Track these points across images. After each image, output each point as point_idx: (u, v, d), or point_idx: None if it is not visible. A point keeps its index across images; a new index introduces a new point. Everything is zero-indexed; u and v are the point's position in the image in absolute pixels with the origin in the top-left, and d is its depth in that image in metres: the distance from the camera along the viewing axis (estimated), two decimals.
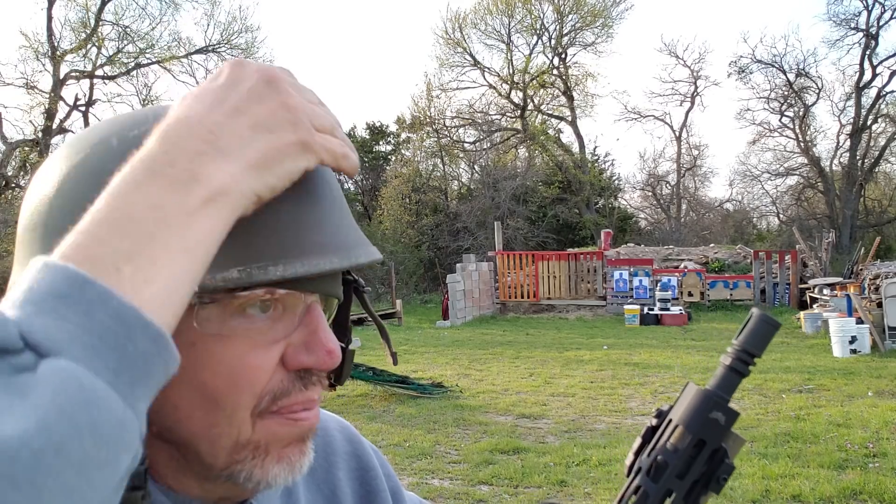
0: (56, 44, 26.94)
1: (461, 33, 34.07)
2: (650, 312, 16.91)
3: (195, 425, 0.55)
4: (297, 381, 0.56)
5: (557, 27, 33.86)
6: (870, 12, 31.72)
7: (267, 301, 0.54)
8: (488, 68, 34.78)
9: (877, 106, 32.69)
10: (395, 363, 0.78)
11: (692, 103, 37.23)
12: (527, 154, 34.08)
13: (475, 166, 34.20)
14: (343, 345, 0.66)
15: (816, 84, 34.02)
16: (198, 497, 0.61)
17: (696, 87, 37.18)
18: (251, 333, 0.54)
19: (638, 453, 0.60)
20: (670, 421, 0.58)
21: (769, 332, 0.59)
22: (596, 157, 35.73)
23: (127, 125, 0.55)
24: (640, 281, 18.88)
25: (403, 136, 35.16)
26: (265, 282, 0.51)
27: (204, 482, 0.59)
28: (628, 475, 0.59)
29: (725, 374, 0.58)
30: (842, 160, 33.80)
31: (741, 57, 35.40)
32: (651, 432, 0.60)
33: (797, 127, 34.46)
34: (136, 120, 0.56)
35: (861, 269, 17.91)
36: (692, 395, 0.58)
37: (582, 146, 34.61)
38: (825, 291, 16.17)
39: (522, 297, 20.09)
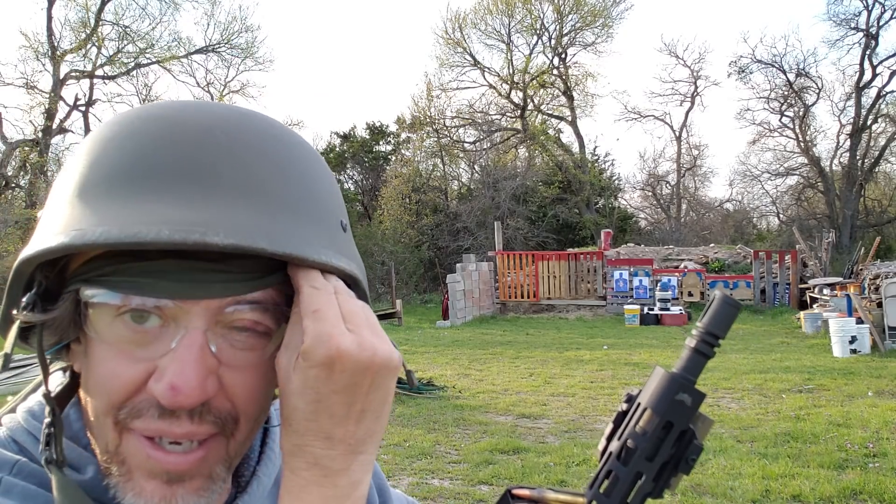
0: (56, 44, 26.94)
1: (461, 33, 34.09)
2: (650, 312, 16.91)
3: (90, 420, 0.58)
4: (153, 408, 0.54)
5: (557, 27, 33.87)
6: (870, 12, 31.74)
7: (140, 312, 0.54)
8: (488, 68, 34.80)
9: (877, 106, 32.69)
10: (412, 383, 0.78)
11: (692, 103, 37.26)
12: (527, 154, 34.08)
13: (475, 166, 34.20)
14: None
15: (816, 84, 34.05)
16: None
17: (696, 87, 37.21)
18: (123, 343, 0.54)
19: (610, 438, 0.60)
20: (639, 405, 0.59)
21: (731, 313, 0.59)
22: (596, 157, 35.74)
23: (135, 109, 0.61)
24: (640, 281, 18.88)
25: (403, 136, 35.16)
26: (80, 244, 0.51)
27: None
28: (600, 460, 0.60)
29: (691, 356, 0.59)
30: (842, 160, 33.81)
31: (741, 57, 35.44)
32: (621, 417, 0.60)
33: (797, 127, 34.46)
34: (146, 106, 0.61)
35: (861, 269, 17.91)
36: (659, 379, 0.59)
37: (582, 146, 34.61)
38: (825, 291, 16.17)
39: (522, 297, 20.08)
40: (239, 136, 0.57)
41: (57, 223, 0.54)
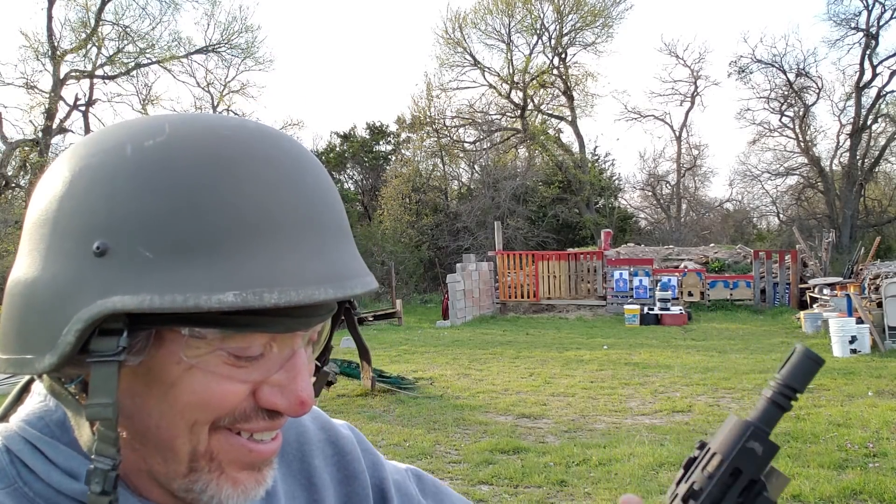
0: (56, 44, 26.94)
1: (461, 33, 34.08)
2: (650, 312, 16.91)
3: (162, 433, 0.58)
4: (262, 412, 0.59)
5: (557, 27, 33.87)
6: (870, 12, 31.73)
7: (242, 354, 0.57)
8: (488, 68, 34.79)
9: (877, 106, 32.68)
10: (371, 387, 0.80)
11: (692, 103, 37.25)
12: (527, 154, 34.08)
13: (475, 166, 34.20)
14: (319, 363, 0.70)
15: (816, 84, 34.04)
16: (161, 500, 0.63)
17: (696, 87, 37.21)
18: (226, 369, 0.57)
19: (679, 483, 0.60)
20: (709, 450, 0.59)
21: (813, 368, 0.59)
22: (596, 157, 35.74)
23: (142, 133, 0.56)
24: (640, 281, 18.88)
25: (403, 135, 35.16)
26: (258, 307, 0.52)
27: (172, 498, 0.62)
28: None
29: (767, 406, 0.59)
30: (842, 160, 33.80)
31: (741, 57, 35.46)
32: (691, 462, 0.60)
33: (797, 127, 34.46)
34: (152, 129, 0.56)
35: (861, 269, 17.91)
36: (731, 425, 0.58)
37: (582, 146, 34.61)
38: (825, 291, 16.17)
39: (522, 296, 20.08)
40: (317, 171, 0.60)
41: (178, 275, 0.52)
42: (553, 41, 34.08)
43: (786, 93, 34.48)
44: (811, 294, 17.12)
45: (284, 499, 0.74)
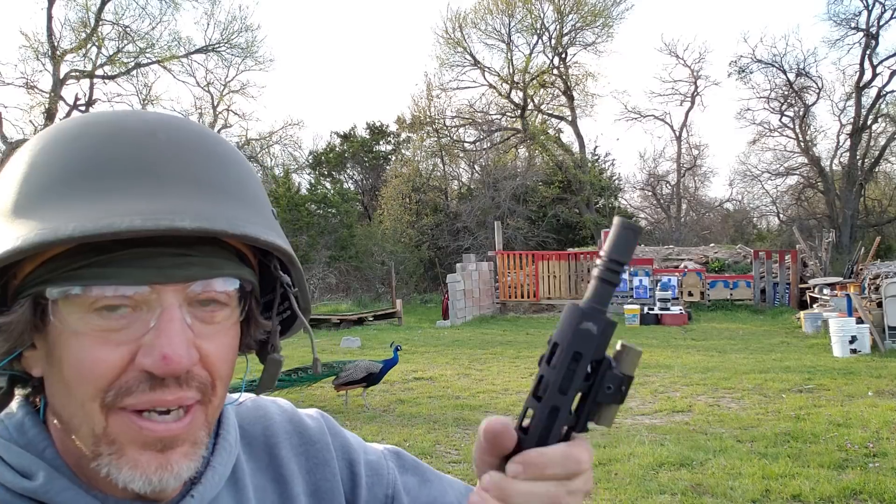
0: (56, 43, 26.94)
1: (461, 33, 34.07)
2: (650, 312, 16.90)
3: (65, 413, 0.61)
4: (143, 382, 0.59)
5: (558, 27, 33.85)
6: (870, 12, 31.72)
7: (114, 304, 0.58)
8: (488, 68, 34.76)
9: (877, 106, 32.66)
10: (316, 371, 0.81)
11: (692, 103, 37.23)
12: (527, 154, 34.07)
13: (475, 166, 34.19)
14: (267, 352, 0.71)
15: (816, 84, 34.02)
16: (123, 496, 0.64)
17: (696, 87, 37.18)
18: (102, 331, 0.58)
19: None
20: (553, 343, 0.58)
21: (631, 237, 0.58)
22: (596, 157, 35.72)
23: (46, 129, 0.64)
24: (640, 281, 18.88)
25: (403, 135, 35.15)
26: (55, 241, 0.55)
27: (116, 486, 0.62)
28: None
29: (596, 285, 0.58)
30: (842, 160, 33.79)
31: (741, 57, 35.37)
32: (541, 360, 0.60)
33: (797, 127, 34.44)
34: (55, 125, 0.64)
35: (861, 269, 17.90)
36: (565, 312, 0.58)
37: (582, 146, 34.60)
38: (825, 291, 16.16)
39: (522, 296, 20.08)
40: (179, 136, 0.63)
41: (14, 227, 0.57)
42: (553, 41, 34.07)
43: (786, 93, 34.47)
44: (811, 294, 17.12)
45: (254, 493, 0.75)
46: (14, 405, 0.65)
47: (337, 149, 35.02)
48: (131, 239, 0.57)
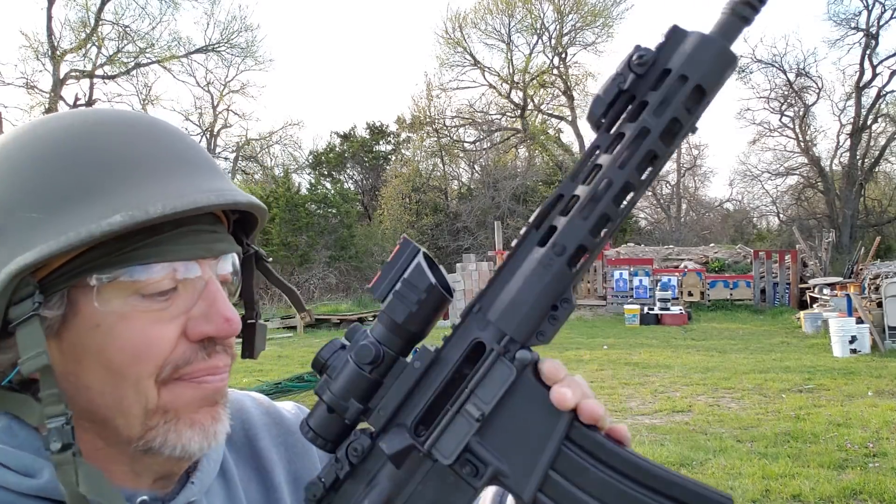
0: (56, 43, 26.95)
1: (461, 33, 34.08)
2: (650, 312, 16.90)
3: (107, 400, 0.60)
4: (200, 351, 0.62)
5: (558, 27, 33.86)
6: (870, 12, 31.71)
7: (167, 289, 0.60)
8: (488, 68, 34.76)
9: (877, 106, 32.66)
10: (312, 320, 0.84)
11: None
12: (527, 154, 34.08)
13: (475, 166, 34.19)
14: (252, 320, 0.74)
15: (816, 84, 34.01)
16: (134, 486, 0.65)
17: None
18: (151, 310, 0.60)
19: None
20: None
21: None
22: None
23: (22, 128, 0.64)
24: (640, 281, 18.87)
25: (403, 135, 35.15)
26: (145, 220, 0.56)
27: (132, 462, 0.64)
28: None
29: (725, 19, 0.54)
30: (842, 160, 33.78)
31: (741, 56, 35.36)
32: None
33: (797, 127, 34.44)
34: (34, 122, 0.64)
35: (861, 269, 17.90)
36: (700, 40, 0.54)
37: (582, 146, 34.57)
38: (825, 291, 16.16)
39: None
40: (169, 128, 0.66)
41: (82, 211, 0.57)
42: (553, 41, 34.08)
43: (786, 93, 34.46)
44: (811, 294, 17.12)
45: (241, 484, 0.76)
46: None
47: (337, 149, 35.01)
48: (171, 222, 0.59)
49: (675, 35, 0.54)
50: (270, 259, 0.74)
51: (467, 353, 0.59)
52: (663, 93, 0.53)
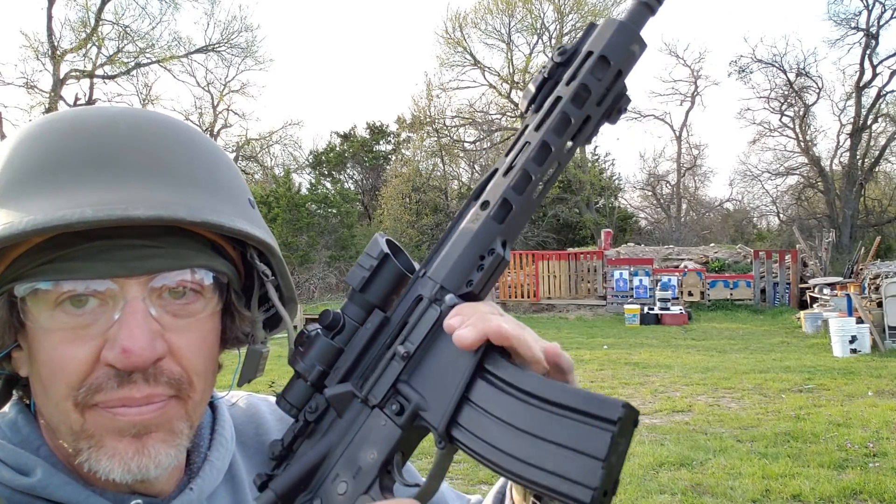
0: (56, 43, 26.94)
1: (461, 33, 34.08)
2: (650, 312, 16.90)
3: (46, 412, 0.61)
4: (111, 379, 0.58)
5: (558, 27, 33.84)
6: (870, 12, 31.70)
7: (78, 296, 0.58)
8: (488, 68, 34.75)
9: (877, 105, 32.66)
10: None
11: (692, 103, 37.20)
12: None
13: (475, 166, 34.18)
14: (249, 344, 0.71)
15: (816, 84, 34.01)
16: (128, 489, 0.64)
17: (697, 87, 37.17)
18: (70, 328, 0.58)
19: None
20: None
21: None
22: (596, 157, 35.73)
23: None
24: (640, 281, 18.87)
25: (403, 135, 35.15)
26: (7, 236, 0.54)
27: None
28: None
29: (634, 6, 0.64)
30: (842, 160, 33.78)
31: (741, 56, 35.44)
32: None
33: (797, 126, 34.43)
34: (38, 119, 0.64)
35: (861, 269, 17.90)
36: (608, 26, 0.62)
37: (582, 146, 34.56)
38: (825, 291, 16.16)
39: (522, 296, 20.07)
40: (142, 126, 0.62)
41: None
42: (553, 41, 34.07)
43: (786, 93, 34.46)
44: (811, 294, 17.11)
45: (249, 488, 0.76)
46: (7, 405, 0.66)
47: (337, 149, 35.01)
48: (95, 232, 0.57)
49: (590, 28, 0.63)
50: (272, 279, 0.69)
51: (410, 311, 0.63)
52: (574, 69, 0.61)
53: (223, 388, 0.82)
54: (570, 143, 0.62)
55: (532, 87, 0.63)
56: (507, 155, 0.63)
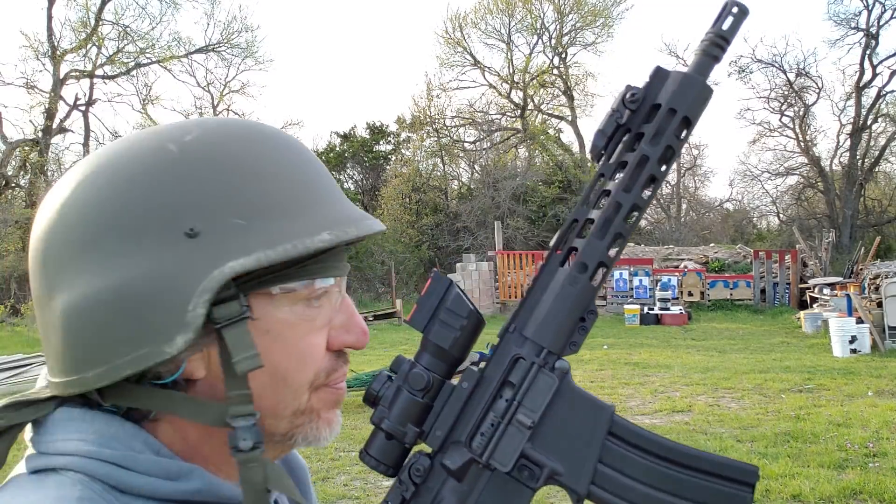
0: (56, 43, 26.93)
1: (461, 33, 34.08)
2: (650, 312, 16.90)
3: (265, 402, 0.62)
4: (339, 358, 0.67)
5: (558, 27, 33.85)
6: (870, 12, 31.68)
7: (318, 294, 0.64)
8: (488, 68, 34.72)
9: (877, 105, 32.63)
10: None
11: None
12: (527, 154, 34.07)
13: (475, 166, 34.17)
14: None
15: (816, 84, 33.98)
16: (228, 477, 0.66)
17: None
18: (309, 320, 0.64)
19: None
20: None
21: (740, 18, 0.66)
22: None
23: (174, 134, 0.62)
24: (640, 281, 18.88)
25: (403, 135, 35.13)
26: (346, 240, 0.62)
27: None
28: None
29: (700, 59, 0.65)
30: (842, 160, 33.77)
31: (741, 56, 35.36)
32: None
33: (797, 127, 34.42)
34: (180, 129, 0.62)
35: (861, 269, 17.91)
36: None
37: (582, 146, 34.55)
38: (825, 291, 16.16)
39: (522, 296, 20.07)
40: (307, 149, 0.69)
41: (276, 231, 0.60)
42: (553, 41, 34.07)
43: (786, 93, 34.45)
44: (811, 294, 17.12)
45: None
46: (103, 423, 0.62)
47: (337, 149, 35.00)
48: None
49: (659, 74, 0.65)
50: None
51: (509, 370, 0.65)
52: (657, 124, 0.63)
53: None
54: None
55: (604, 129, 0.65)
56: (589, 205, 0.65)
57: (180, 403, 0.61)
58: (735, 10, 0.65)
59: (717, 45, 0.64)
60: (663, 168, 0.64)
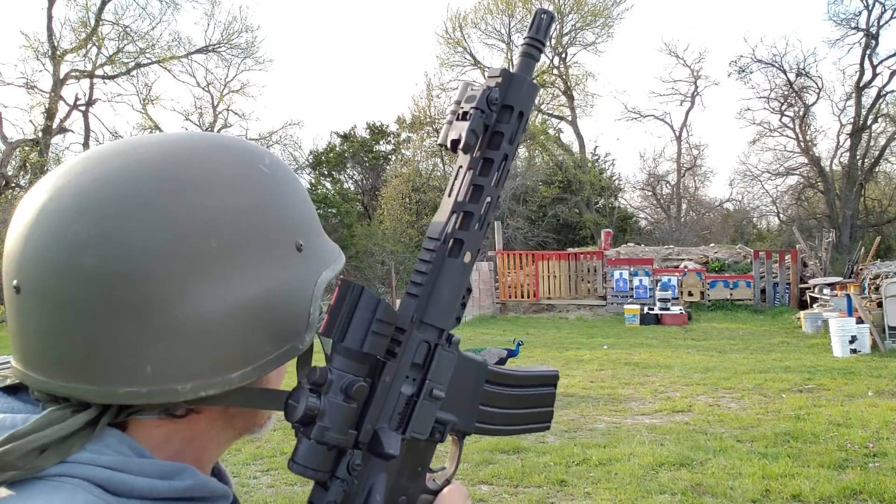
0: (56, 43, 26.93)
1: (461, 33, 34.12)
2: (650, 312, 16.90)
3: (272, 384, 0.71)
4: None
5: (558, 27, 33.84)
6: (870, 12, 31.71)
7: None
8: (488, 68, 34.58)
9: (877, 106, 32.65)
10: None
11: (692, 103, 37.22)
12: (527, 154, 34.08)
13: None
14: None
15: (816, 84, 34.01)
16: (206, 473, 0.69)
17: (697, 87, 37.18)
18: None
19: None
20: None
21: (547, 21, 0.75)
22: (596, 157, 35.73)
23: (253, 157, 0.68)
24: (640, 281, 18.87)
25: (403, 135, 35.15)
26: (341, 268, 0.74)
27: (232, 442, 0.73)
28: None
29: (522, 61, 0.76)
30: (842, 160, 33.78)
31: (741, 56, 35.41)
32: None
33: (797, 127, 34.43)
34: (257, 150, 0.70)
35: (861, 269, 17.91)
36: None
37: (582, 146, 34.59)
38: (825, 291, 16.16)
39: (522, 296, 20.08)
40: None
41: (328, 247, 0.74)
42: (553, 41, 34.08)
43: (786, 93, 34.46)
44: (811, 294, 17.12)
45: None
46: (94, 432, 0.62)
47: (337, 149, 35.01)
48: None
49: (506, 76, 0.75)
50: None
51: (414, 353, 0.73)
52: (513, 127, 0.73)
53: None
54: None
55: (476, 130, 0.72)
56: (454, 196, 0.73)
57: (257, 396, 0.67)
58: (544, 16, 0.75)
59: (535, 47, 0.75)
60: (511, 160, 0.75)
